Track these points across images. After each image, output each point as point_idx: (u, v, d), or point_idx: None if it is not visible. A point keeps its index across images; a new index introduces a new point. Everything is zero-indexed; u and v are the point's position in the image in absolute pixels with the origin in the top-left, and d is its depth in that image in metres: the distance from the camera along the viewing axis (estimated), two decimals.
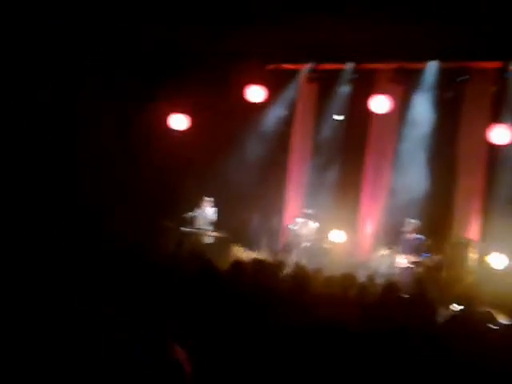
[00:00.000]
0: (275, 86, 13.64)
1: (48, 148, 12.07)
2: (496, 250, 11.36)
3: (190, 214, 12.73)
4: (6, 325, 2.99)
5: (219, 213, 12.99)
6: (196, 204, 12.99)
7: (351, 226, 13.17)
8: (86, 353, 2.71)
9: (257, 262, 7.10)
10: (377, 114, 12.74)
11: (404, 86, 12.87)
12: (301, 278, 5.45)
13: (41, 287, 4.10)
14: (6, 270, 4.58)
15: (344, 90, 13.38)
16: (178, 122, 13.35)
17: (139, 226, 12.07)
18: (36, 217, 10.03)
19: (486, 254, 11.55)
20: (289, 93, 13.97)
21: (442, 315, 6.76)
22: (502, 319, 6.63)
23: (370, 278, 7.99)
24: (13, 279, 4.26)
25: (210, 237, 12.80)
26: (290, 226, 12.95)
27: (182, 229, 12.58)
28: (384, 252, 12.24)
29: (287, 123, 14.23)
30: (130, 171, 13.26)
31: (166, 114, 13.39)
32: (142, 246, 7.20)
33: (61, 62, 12.09)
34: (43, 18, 11.23)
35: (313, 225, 12.50)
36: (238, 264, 6.05)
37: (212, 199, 13.01)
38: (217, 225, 13.00)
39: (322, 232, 12.78)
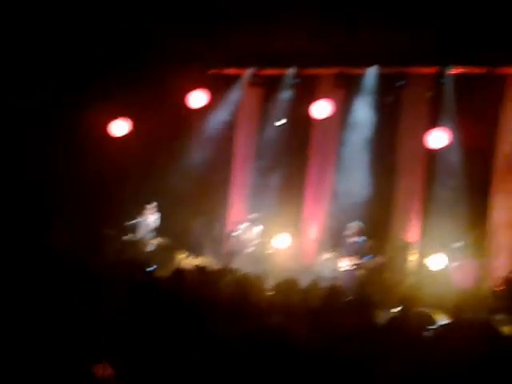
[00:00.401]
0: (218, 91, 13.60)
1: None
2: (435, 251, 11.61)
3: (132, 221, 12.49)
4: None
5: (162, 219, 12.81)
6: (138, 211, 12.77)
7: (295, 230, 13.21)
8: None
9: (199, 270, 7.02)
10: (319, 119, 12.84)
11: (345, 91, 13.06)
12: (243, 284, 5.39)
13: None
14: None
15: (286, 94, 13.44)
16: (119, 127, 13.09)
17: (79, 235, 11.79)
18: None
19: (426, 256, 11.79)
20: (231, 97, 13.93)
21: (382, 318, 6.83)
22: (442, 319, 6.73)
23: (314, 283, 7.99)
24: None
25: (152, 244, 12.59)
26: (234, 232, 12.89)
27: (124, 237, 12.33)
28: (327, 255, 12.34)
29: (230, 128, 14.19)
30: (69, 179, 12.94)
31: (106, 120, 13.10)
32: (81, 258, 6.98)
33: None
34: None
35: (256, 229, 12.49)
36: (179, 272, 5.95)
37: (154, 206, 12.81)
38: (159, 232, 12.81)
39: (265, 237, 12.77)
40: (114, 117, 12.99)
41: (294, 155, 13.56)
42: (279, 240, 12.77)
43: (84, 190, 12.99)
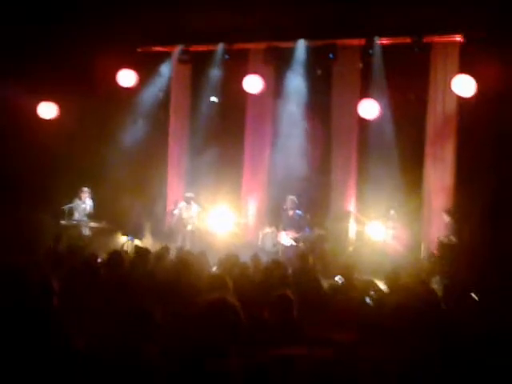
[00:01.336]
0: (148, 69, 13.36)
1: None
2: (372, 220, 11.85)
3: (68, 205, 12.13)
4: None
5: (100, 202, 12.52)
6: (74, 195, 12.43)
7: (234, 206, 13.21)
8: None
9: (137, 250, 6.92)
10: (252, 94, 12.80)
11: (275, 65, 13.06)
12: (182, 262, 5.34)
13: None
14: None
15: (217, 71, 13.32)
16: (47, 110, 12.66)
17: (11, 221, 11.41)
18: None
19: (364, 225, 12.03)
20: (162, 75, 13.70)
21: (326, 287, 6.93)
22: (382, 286, 6.87)
23: (254, 258, 8.03)
24: None
25: (90, 228, 12.32)
26: (173, 211, 12.78)
27: (61, 222, 12.00)
28: (267, 230, 12.41)
29: (163, 106, 13.99)
30: None
31: (34, 103, 12.64)
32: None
33: None
34: None
35: (195, 208, 12.41)
36: (116, 254, 5.83)
37: (89, 189, 12.50)
38: (97, 215, 12.53)
39: (205, 214, 12.72)
40: (42, 99, 12.54)
41: (229, 131, 13.51)
42: (219, 217, 12.74)
43: (17, 175, 12.55)
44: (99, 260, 6.12)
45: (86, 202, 12.35)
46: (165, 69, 13.63)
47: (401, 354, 3.46)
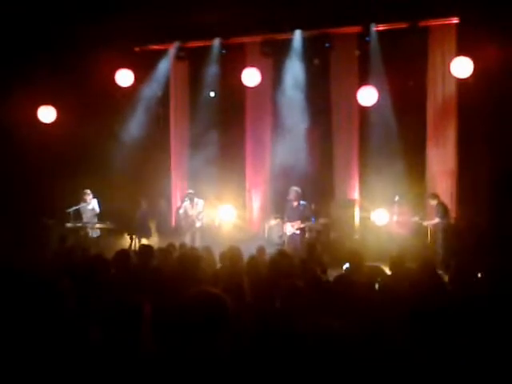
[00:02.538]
0: (146, 68, 13.39)
1: None
2: (376, 207, 11.87)
3: (73, 208, 12.14)
4: None
5: (105, 204, 12.53)
6: (78, 198, 12.44)
7: (239, 200, 13.25)
8: None
9: (143, 248, 6.94)
10: (250, 87, 12.80)
11: (272, 58, 13.06)
12: (187, 258, 5.37)
13: None
14: None
15: (214, 66, 13.32)
16: (47, 113, 12.66)
17: (14, 226, 11.49)
18: None
19: (368, 212, 12.04)
20: (161, 73, 13.72)
21: (333, 275, 6.94)
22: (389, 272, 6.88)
23: (260, 250, 8.05)
24: None
25: (96, 230, 12.35)
26: (178, 209, 12.81)
27: (67, 225, 12.03)
28: (273, 222, 12.44)
29: (163, 104, 14.01)
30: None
31: (34, 107, 12.65)
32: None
33: None
34: None
35: (200, 203, 12.41)
36: (123, 252, 5.87)
37: (92, 191, 12.50)
38: (103, 216, 12.55)
39: (210, 210, 12.75)
40: (41, 103, 12.57)
41: (230, 125, 13.52)
42: (224, 211, 12.78)
43: (20, 179, 12.64)
44: (106, 259, 6.13)
45: (91, 203, 12.36)
46: (162, 66, 13.65)
47: (403, 337, 3.49)
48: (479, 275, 6.04)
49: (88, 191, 12.32)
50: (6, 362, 3.13)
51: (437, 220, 10.90)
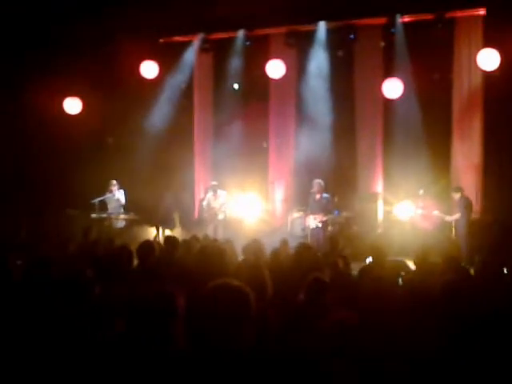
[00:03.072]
0: (170, 60, 13.43)
1: None
2: (400, 200, 11.78)
3: (98, 199, 12.26)
4: None
5: (129, 194, 12.63)
6: (103, 189, 12.56)
7: (262, 192, 13.25)
8: None
9: (169, 239, 6.99)
10: (274, 79, 12.77)
11: (296, 49, 13.01)
12: (209, 250, 5.39)
13: None
14: None
15: (239, 57, 13.31)
16: (72, 105, 12.79)
17: (41, 217, 11.64)
18: None
19: (392, 205, 11.96)
20: (185, 65, 13.76)
21: (356, 269, 6.93)
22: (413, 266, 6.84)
23: (283, 242, 8.05)
24: None
25: (121, 221, 12.45)
26: (202, 200, 12.87)
27: (92, 216, 12.15)
28: (296, 215, 12.42)
29: (187, 96, 14.05)
30: (27, 159, 12.73)
31: (60, 99, 12.77)
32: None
33: None
34: None
35: (223, 195, 12.45)
36: (147, 243, 5.91)
37: (118, 182, 12.60)
38: (128, 207, 12.66)
39: (233, 203, 12.77)
40: (67, 95, 12.69)
41: (253, 117, 13.50)
42: (247, 204, 12.79)
43: (42, 172, 12.78)
44: (131, 250, 6.19)
45: (116, 194, 12.46)
46: (187, 58, 13.68)
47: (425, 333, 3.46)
48: (505, 270, 5.99)
49: (114, 182, 12.43)
50: (28, 354, 3.18)
51: (457, 215, 10.73)
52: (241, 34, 13.21)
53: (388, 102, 12.32)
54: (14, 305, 3.91)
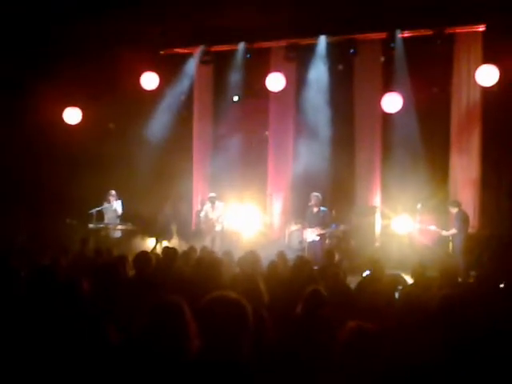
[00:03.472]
0: (171, 71, 13.48)
1: None
2: (398, 214, 11.77)
3: (96, 209, 12.26)
4: None
5: (127, 205, 12.62)
6: (101, 199, 12.56)
7: (260, 205, 13.24)
8: None
9: (167, 251, 6.98)
10: (274, 92, 12.81)
11: (297, 62, 13.07)
12: (205, 262, 5.39)
13: None
14: None
15: (239, 70, 13.36)
16: (72, 115, 12.80)
17: (38, 226, 11.63)
18: None
19: (390, 219, 11.95)
20: (185, 76, 13.80)
21: (353, 282, 6.93)
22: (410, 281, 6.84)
23: (280, 255, 8.04)
24: None
25: (118, 231, 12.45)
26: (199, 212, 12.87)
27: (89, 226, 12.14)
28: (293, 228, 12.41)
29: (187, 107, 14.09)
30: (26, 167, 12.74)
31: (59, 108, 12.79)
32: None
33: None
34: None
35: (221, 206, 12.46)
36: (143, 254, 5.90)
37: (116, 193, 12.60)
38: (125, 217, 12.65)
39: (231, 214, 12.76)
40: (67, 105, 12.71)
41: (253, 130, 13.57)
42: (245, 216, 12.77)
43: (41, 182, 12.78)
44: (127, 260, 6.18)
45: (113, 205, 12.46)
46: (187, 70, 13.74)
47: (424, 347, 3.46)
48: (502, 285, 5.99)
49: (113, 192, 12.45)
50: (21, 362, 3.17)
51: (454, 231, 10.66)
52: (241, 46, 13.27)
53: (387, 116, 12.37)
54: (19, 310, 3.91)
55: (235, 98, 13.66)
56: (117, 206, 12.46)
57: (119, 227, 12.44)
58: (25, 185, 12.99)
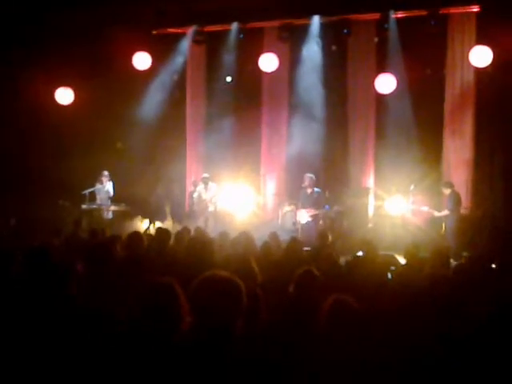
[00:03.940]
0: (163, 51, 13.37)
1: None
2: (391, 195, 11.79)
3: (88, 190, 12.24)
4: None
5: (120, 186, 12.60)
6: (94, 179, 12.53)
7: (253, 185, 13.23)
8: None
9: (160, 231, 6.98)
10: (268, 72, 12.75)
11: (290, 43, 12.99)
12: (197, 242, 5.39)
13: None
14: None
15: (232, 50, 13.27)
16: (64, 95, 12.71)
17: (30, 208, 11.61)
18: None
19: (383, 200, 11.97)
20: (178, 57, 13.71)
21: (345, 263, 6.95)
22: (403, 261, 6.87)
23: (273, 236, 8.05)
24: None
25: (110, 212, 12.45)
26: (192, 193, 12.86)
27: (82, 206, 12.14)
28: (287, 209, 12.42)
29: (180, 87, 14.01)
30: (18, 149, 12.67)
31: (51, 89, 12.69)
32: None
33: None
34: None
35: (214, 187, 12.46)
36: (136, 234, 5.89)
37: (108, 174, 12.58)
38: (118, 198, 12.63)
39: (224, 195, 12.75)
40: (58, 85, 12.61)
41: (246, 110, 13.47)
42: (238, 197, 12.77)
43: (33, 163, 12.72)
44: (120, 241, 6.18)
45: (106, 186, 12.45)
46: (180, 50, 13.63)
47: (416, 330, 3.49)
48: (494, 265, 6.04)
49: (106, 173, 12.44)
50: (16, 352, 3.18)
51: (446, 212, 10.71)
52: (234, 26, 13.16)
53: (380, 97, 12.35)
54: (15, 293, 3.91)
55: (228, 79, 13.60)
56: (109, 187, 12.46)
57: (112, 208, 12.44)
58: (17, 167, 12.92)
